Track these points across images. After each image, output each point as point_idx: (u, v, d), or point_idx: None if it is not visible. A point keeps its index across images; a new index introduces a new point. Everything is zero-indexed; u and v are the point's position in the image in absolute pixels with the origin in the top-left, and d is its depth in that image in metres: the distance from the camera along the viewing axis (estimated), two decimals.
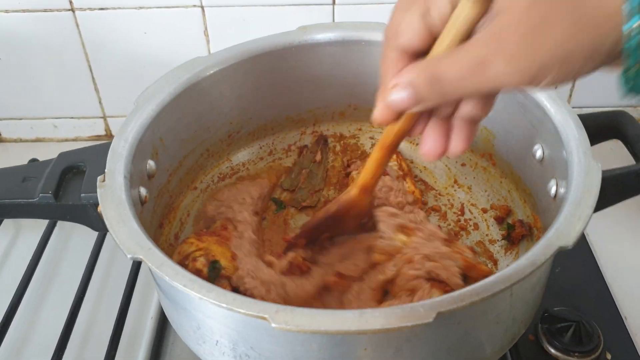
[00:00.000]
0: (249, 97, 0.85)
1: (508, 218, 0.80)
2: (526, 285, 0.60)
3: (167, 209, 0.78)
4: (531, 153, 0.75)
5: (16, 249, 0.91)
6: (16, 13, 0.98)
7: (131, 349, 0.76)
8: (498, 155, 0.83)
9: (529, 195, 0.78)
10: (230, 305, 0.50)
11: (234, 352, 0.58)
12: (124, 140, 0.68)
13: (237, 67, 0.81)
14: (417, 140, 0.91)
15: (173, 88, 0.75)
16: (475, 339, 0.59)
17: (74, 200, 0.69)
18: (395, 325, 0.48)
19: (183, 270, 0.54)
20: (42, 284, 0.85)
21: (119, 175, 0.63)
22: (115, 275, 0.85)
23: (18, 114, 1.11)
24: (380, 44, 0.84)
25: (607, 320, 0.75)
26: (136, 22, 0.99)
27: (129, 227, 0.58)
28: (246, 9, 0.97)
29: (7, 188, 0.70)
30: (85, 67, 1.04)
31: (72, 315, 0.76)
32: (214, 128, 0.83)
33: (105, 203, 0.60)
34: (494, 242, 0.79)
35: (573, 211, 0.58)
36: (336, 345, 0.53)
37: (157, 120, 0.72)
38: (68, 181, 0.71)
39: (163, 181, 0.76)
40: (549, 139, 0.71)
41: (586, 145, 0.65)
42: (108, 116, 1.11)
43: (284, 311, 0.49)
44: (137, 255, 0.55)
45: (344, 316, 0.49)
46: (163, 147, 0.74)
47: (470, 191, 0.85)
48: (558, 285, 0.78)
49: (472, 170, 0.87)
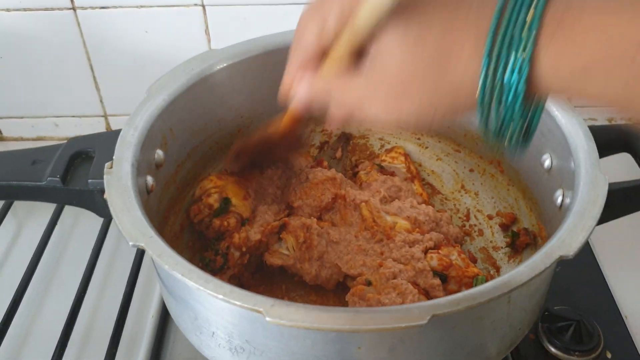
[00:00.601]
0: (260, 92, 0.85)
1: (513, 226, 0.80)
2: (525, 292, 0.59)
3: (174, 200, 0.78)
4: (540, 162, 0.75)
5: (22, 237, 0.92)
6: (17, 12, 0.98)
7: (132, 345, 0.76)
8: (506, 163, 0.83)
9: (536, 204, 0.77)
10: (226, 297, 0.51)
11: (230, 345, 0.58)
12: (134, 129, 0.68)
13: (250, 62, 0.81)
14: (426, 143, 0.91)
15: (185, 79, 0.76)
16: (472, 344, 0.59)
17: (82, 185, 0.70)
18: (389, 326, 0.48)
19: (183, 260, 0.54)
20: (46, 276, 0.85)
21: (127, 163, 0.64)
22: (119, 266, 0.85)
23: (19, 112, 1.11)
24: None
25: (607, 320, 0.75)
26: (137, 21, 0.99)
27: (132, 215, 0.58)
28: (247, 7, 0.97)
29: (16, 170, 0.71)
30: (87, 66, 1.04)
31: (74, 310, 0.77)
32: (224, 121, 0.84)
33: (110, 190, 0.61)
34: (497, 249, 0.79)
35: (577, 221, 0.58)
36: (330, 342, 0.53)
37: (167, 111, 0.73)
38: (77, 166, 0.72)
39: (171, 171, 0.76)
40: (558, 148, 0.71)
41: (594, 156, 0.65)
42: (109, 115, 1.11)
43: (279, 305, 0.49)
44: (139, 242, 0.56)
45: (338, 314, 0.49)
46: (173, 137, 0.75)
47: (477, 197, 0.85)
48: (558, 285, 0.77)
49: (480, 177, 0.86)
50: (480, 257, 0.78)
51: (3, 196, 0.79)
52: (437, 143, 0.90)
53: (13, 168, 0.71)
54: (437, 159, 0.90)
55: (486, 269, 0.77)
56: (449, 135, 0.90)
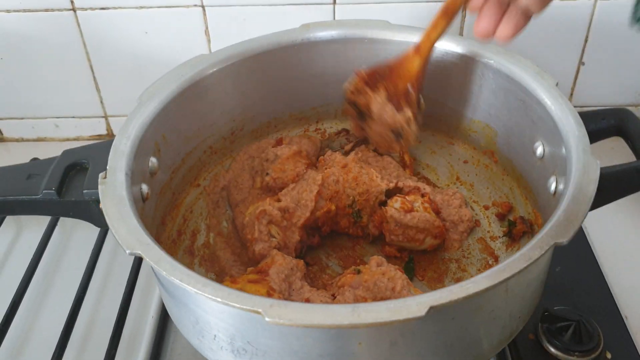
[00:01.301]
0: (252, 95, 0.85)
1: (509, 215, 0.80)
2: (522, 280, 0.60)
3: (170, 206, 0.79)
4: (532, 150, 0.75)
5: (18, 247, 0.92)
6: (17, 13, 0.99)
7: (132, 348, 0.76)
8: (500, 153, 0.83)
9: (530, 192, 0.78)
10: (225, 300, 0.51)
11: (232, 347, 0.58)
12: (126, 138, 0.68)
13: (240, 65, 0.82)
14: (420, 137, 0.91)
15: (176, 85, 0.76)
16: (472, 335, 0.59)
17: (77, 196, 0.70)
18: (387, 320, 0.48)
19: (180, 266, 0.54)
20: (44, 282, 0.86)
21: (120, 172, 0.64)
22: (117, 273, 0.86)
23: (19, 113, 1.12)
24: (383, 42, 0.86)
25: (607, 320, 0.75)
26: (137, 22, 1.00)
27: (128, 224, 0.59)
28: (247, 8, 0.98)
29: (11, 185, 0.71)
30: (87, 67, 1.05)
31: (73, 313, 0.77)
32: (216, 125, 0.84)
33: (105, 199, 0.61)
34: (495, 239, 0.79)
35: (570, 207, 0.58)
36: (331, 339, 0.54)
37: (159, 118, 0.73)
38: (71, 178, 0.72)
39: (165, 178, 0.77)
40: (549, 136, 0.71)
41: (585, 142, 0.65)
42: (109, 115, 1.11)
43: (277, 306, 0.50)
44: (136, 250, 0.56)
45: (336, 310, 0.50)
46: (165, 144, 0.75)
47: (472, 188, 0.85)
48: (558, 284, 0.78)
49: (475, 168, 0.87)
50: (478, 248, 0.78)
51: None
52: (431, 136, 0.91)
53: (8, 183, 0.72)
54: (432, 152, 0.90)
55: (485, 259, 0.77)
56: (442, 129, 0.90)
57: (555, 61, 1.03)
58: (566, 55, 1.03)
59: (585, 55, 1.03)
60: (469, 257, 0.77)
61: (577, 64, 1.04)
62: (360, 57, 0.85)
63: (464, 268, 0.76)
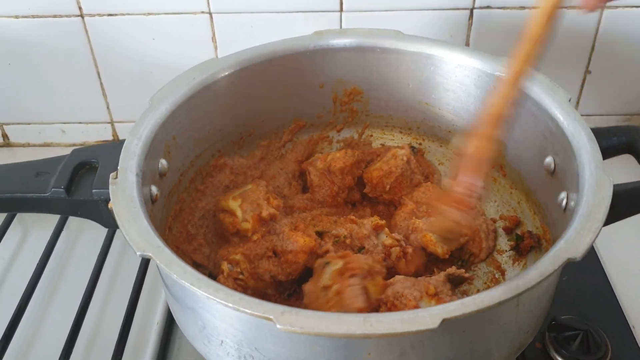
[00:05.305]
0: (262, 100, 0.85)
1: (517, 229, 0.80)
2: (533, 295, 0.60)
3: (177, 209, 0.78)
4: (542, 165, 0.75)
5: (25, 248, 0.92)
6: (25, 19, 0.99)
7: (137, 353, 0.76)
8: (509, 166, 0.83)
9: (539, 206, 0.77)
10: (236, 305, 0.51)
11: (239, 353, 0.58)
12: (137, 139, 0.68)
13: (251, 70, 0.82)
14: (428, 148, 0.91)
15: (188, 88, 0.76)
16: (481, 347, 0.59)
17: (86, 195, 0.70)
18: (400, 330, 0.48)
19: (191, 269, 0.54)
20: (50, 284, 0.85)
21: (131, 172, 0.64)
22: (123, 275, 0.85)
23: (26, 118, 1.11)
24: (395, 52, 0.85)
25: (614, 329, 0.75)
26: (145, 28, 0.99)
27: (139, 225, 0.58)
28: (254, 15, 0.98)
29: (20, 182, 0.71)
30: (94, 73, 1.04)
31: (79, 317, 0.77)
32: (226, 129, 0.84)
33: (116, 200, 0.61)
34: (502, 253, 0.79)
35: (583, 224, 0.58)
36: (340, 348, 0.53)
37: (170, 120, 0.73)
38: (80, 177, 0.72)
39: (174, 180, 0.76)
40: (561, 151, 0.71)
41: (598, 158, 0.65)
42: (116, 121, 1.11)
43: (289, 313, 0.49)
44: (147, 252, 0.55)
45: (349, 320, 0.49)
46: (176, 146, 0.75)
47: (479, 201, 0.85)
48: (566, 294, 0.77)
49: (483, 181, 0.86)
50: (485, 261, 0.78)
51: (8, 208, 0.79)
52: (439, 148, 0.91)
53: (17, 180, 0.71)
54: (439, 163, 0.90)
55: (491, 272, 0.77)
56: (450, 140, 0.90)
57: (562, 69, 1.03)
58: (573, 63, 1.03)
59: (592, 63, 1.03)
60: (475, 270, 0.77)
61: (584, 72, 1.04)
62: (371, 66, 0.85)
63: (469, 281, 0.76)
